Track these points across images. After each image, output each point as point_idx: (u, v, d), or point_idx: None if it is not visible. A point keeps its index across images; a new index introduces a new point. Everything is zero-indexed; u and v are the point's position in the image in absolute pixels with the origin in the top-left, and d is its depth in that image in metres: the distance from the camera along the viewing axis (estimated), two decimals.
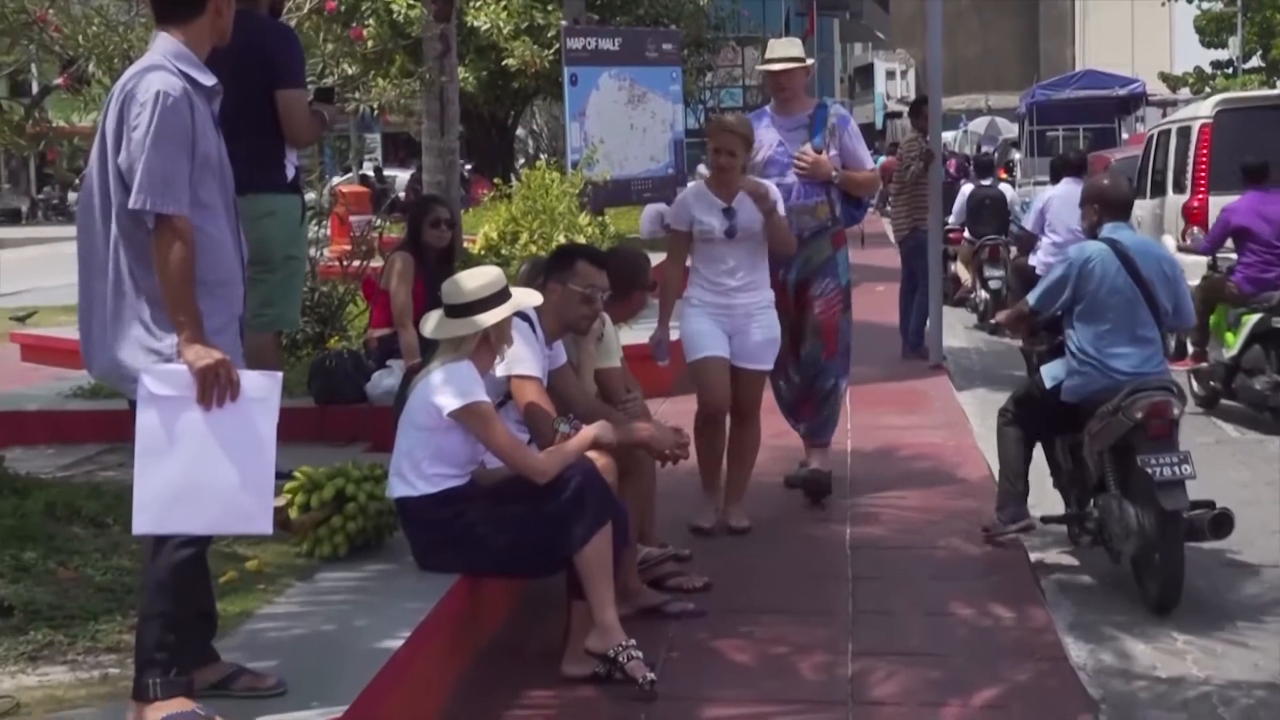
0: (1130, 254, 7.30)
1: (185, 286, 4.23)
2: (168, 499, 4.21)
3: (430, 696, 5.50)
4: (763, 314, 7.78)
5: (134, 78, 4.35)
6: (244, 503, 4.29)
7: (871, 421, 11.10)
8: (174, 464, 4.22)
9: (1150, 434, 6.91)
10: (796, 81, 8.47)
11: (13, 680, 4.65)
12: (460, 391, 5.71)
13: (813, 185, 8.12)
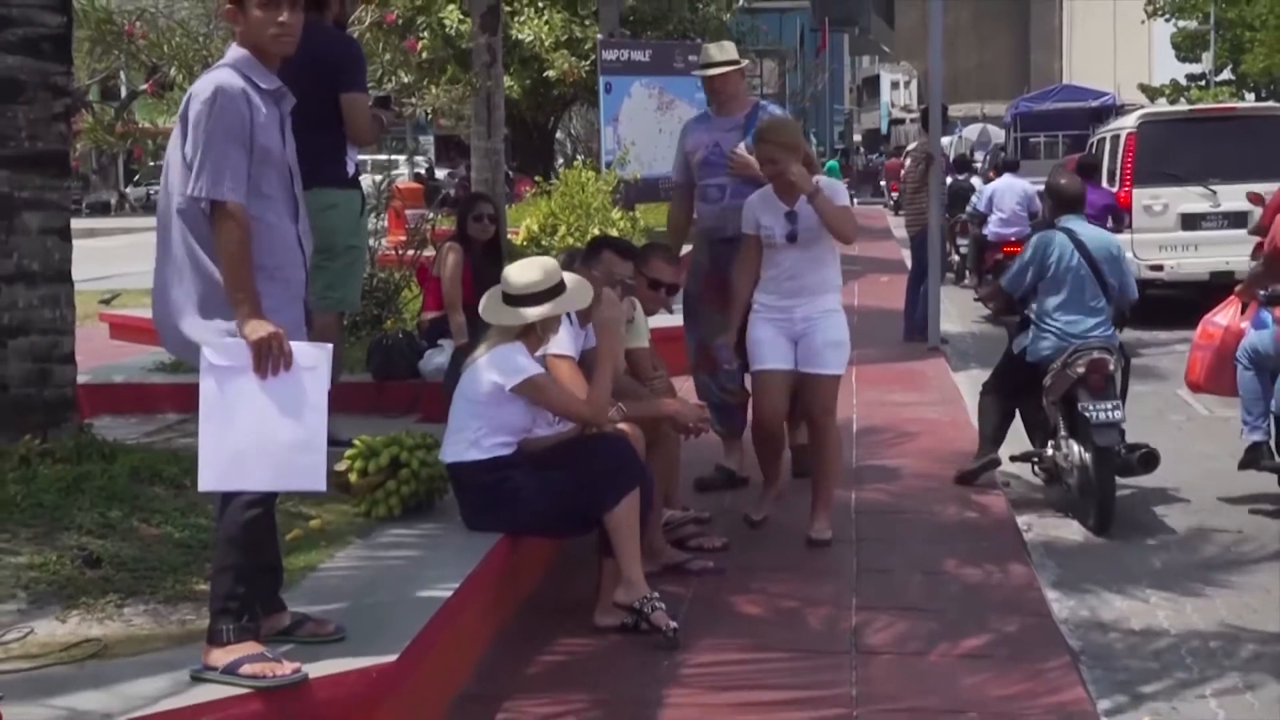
0: (1083, 240, 8.10)
1: (241, 267, 4.24)
2: (228, 459, 4.22)
3: (475, 642, 5.53)
4: (825, 318, 7.04)
5: (201, 81, 4.39)
6: (298, 462, 4.29)
7: (875, 399, 11.10)
8: (233, 427, 4.22)
9: (1089, 385, 7.69)
10: (732, 84, 7.92)
11: (101, 625, 4.66)
12: (517, 369, 5.74)
13: (745, 185, 7.47)
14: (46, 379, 6.67)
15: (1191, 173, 15.76)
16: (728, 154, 7.56)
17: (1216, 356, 8.76)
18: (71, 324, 6.87)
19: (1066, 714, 4.97)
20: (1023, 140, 35.04)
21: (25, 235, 6.61)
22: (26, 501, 5.91)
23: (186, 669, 4.24)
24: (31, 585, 5.02)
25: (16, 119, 6.58)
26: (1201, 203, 15.91)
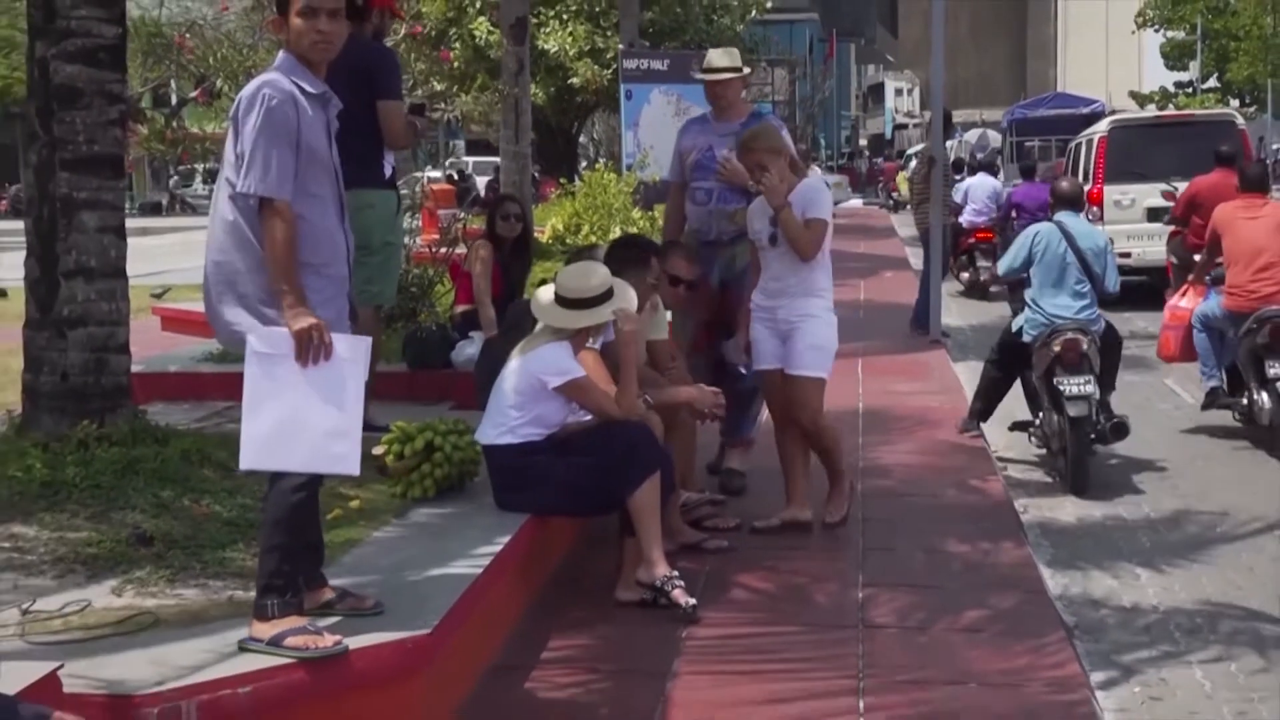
0: (1072, 233, 8.65)
1: (287, 260, 4.24)
2: (268, 440, 4.23)
3: (505, 616, 5.53)
4: (805, 321, 6.76)
5: (251, 86, 4.40)
6: (333, 448, 4.28)
7: (880, 388, 11.10)
8: (273, 411, 4.23)
9: (1064, 362, 8.29)
10: (732, 90, 7.62)
11: (154, 599, 4.68)
12: (563, 370, 5.77)
13: (733, 191, 7.26)
14: (103, 368, 6.69)
15: (1155, 171, 16.60)
16: (719, 160, 7.26)
17: (1185, 333, 9.92)
18: (126, 316, 6.88)
19: (1061, 685, 4.96)
20: (1018, 144, 35.09)
21: (83, 233, 6.63)
22: (84, 483, 5.94)
23: (234, 641, 4.25)
24: (89, 561, 5.05)
25: (75, 124, 6.60)
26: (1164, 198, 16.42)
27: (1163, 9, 66.51)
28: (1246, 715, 4.93)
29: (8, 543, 5.27)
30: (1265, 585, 6.41)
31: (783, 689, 4.94)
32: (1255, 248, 9.35)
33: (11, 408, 7.09)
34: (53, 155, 6.62)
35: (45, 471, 6.06)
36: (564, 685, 5.05)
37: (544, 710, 4.81)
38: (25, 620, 4.39)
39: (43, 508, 5.71)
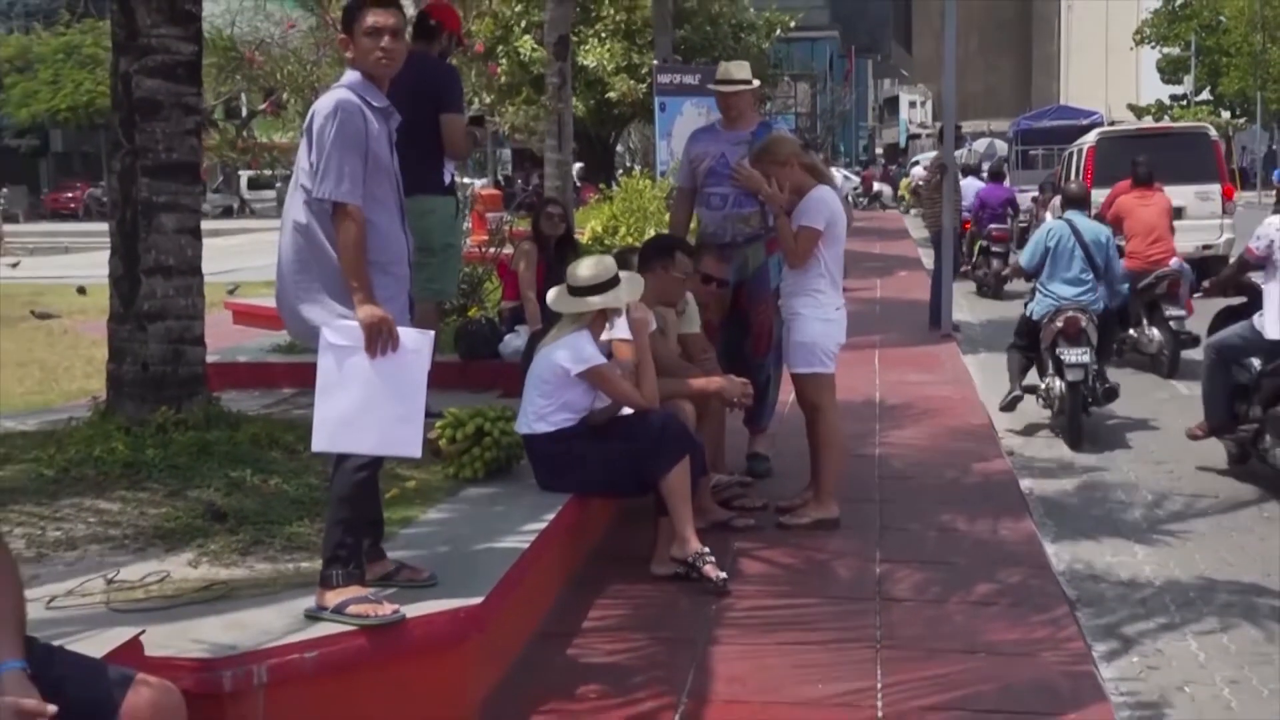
0: (1079, 229, 9.46)
1: (358, 260, 4.25)
2: (338, 425, 4.23)
3: (547, 589, 5.53)
4: (795, 319, 6.64)
5: (323, 99, 4.42)
6: (398, 431, 4.29)
7: (895, 379, 11.07)
8: (344, 398, 4.23)
9: (1065, 335, 9.14)
10: (744, 102, 7.52)
11: (227, 570, 4.69)
12: (583, 357, 5.73)
13: (747, 196, 7.13)
14: (180, 358, 6.73)
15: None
16: (733, 166, 7.10)
17: None
18: (201, 311, 6.91)
19: (1065, 655, 4.93)
20: (1023, 153, 35.05)
21: (162, 234, 6.66)
22: (163, 463, 5.98)
23: (301, 609, 4.26)
24: (167, 535, 5.07)
25: (155, 134, 6.63)
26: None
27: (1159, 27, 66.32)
28: (1238, 683, 4.89)
29: (94, 517, 5.30)
30: (1254, 562, 6.37)
31: (806, 657, 4.93)
32: (1148, 226, 12.09)
33: (97, 395, 7.15)
34: (135, 162, 6.65)
35: (127, 453, 6.10)
36: (604, 651, 5.06)
37: (586, 674, 4.81)
38: (110, 589, 4.42)
39: (125, 486, 5.75)
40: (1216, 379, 8.13)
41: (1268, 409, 7.60)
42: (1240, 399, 7.99)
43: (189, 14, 6.76)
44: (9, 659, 2.75)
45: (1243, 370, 7.98)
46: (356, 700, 4.16)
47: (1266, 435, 7.63)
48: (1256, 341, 7.83)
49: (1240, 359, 8.01)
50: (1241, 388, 7.97)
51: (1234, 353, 8.04)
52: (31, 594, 3.07)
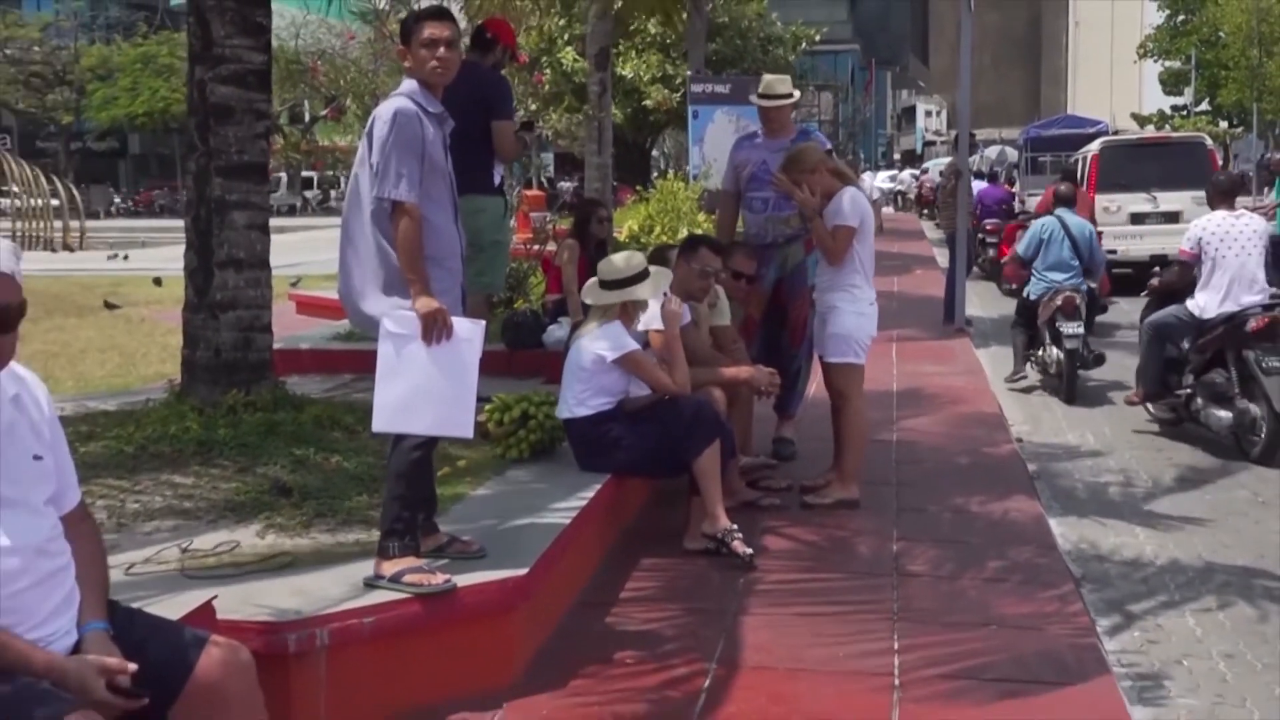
0: (1067, 223, 10.56)
1: (415, 254, 4.27)
2: (396, 408, 4.25)
3: (587, 561, 5.53)
4: (832, 312, 6.61)
5: (383, 105, 4.43)
6: (452, 414, 4.31)
7: (912, 369, 11.03)
8: (402, 383, 4.25)
9: (1063, 311, 10.15)
10: (784, 114, 7.44)
11: (291, 541, 4.72)
12: (617, 345, 5.74)
13: (787, 199, 7.05)
14: (250, 345, 6.76)
15: (1138, 183, 17.49)
16: (774, 173, 7.03)
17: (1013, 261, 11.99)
18: (269, 301, 6.94)
19: (1071, 629, 4.91)
20: (1033, 159, 34.81)
21: (234, 230, 6.69)
22: (233, 442, 6.01)
23: (360, 577, 4.28)
24: (237, 507, 5.11)
25: (228, 137, 6.66)
26: (1145, 205, 17.70)
27: (1161, 42, 65.79)
28: (1233, 658, 4.86)
29: (169, 491, 5.34)
30: (1249, 544, 6.31)
31: (828, 627, 4.93)
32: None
33: (172, 378, 7.18)
34: (209, 164, 6.68)
35: (200, 432, 6.15)
36: (640, 620, 5.06)
37: (622, 641, 4.81)
38: (184, 557, 4.45)
39: (198, 462, 5.79)
40: (1152, 354, 8.80)
41: (1199, 378, 8.43)
42: (1171, 371, 8.71)
43: (259, 26, 6.79)
44: (93, 621, 2.77)
45: (1174, 347, 8.67)
46: (411, 662, 4.18)
47: (1198, 399, 8.42)
48: (1188, 322, 8.49)
49: (1173, 337, 8.65)
50: (1172, 361, 8.70)
51: (1168, 331, 8.67)
52: (112, 561, 3.09)
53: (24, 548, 2.66)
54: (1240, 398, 8.07)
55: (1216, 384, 8.26)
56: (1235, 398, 8.11)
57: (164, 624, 2.96)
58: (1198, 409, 8.41)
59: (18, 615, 2.62)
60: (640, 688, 4.37)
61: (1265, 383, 7.80)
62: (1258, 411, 7.93)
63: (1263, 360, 7.88)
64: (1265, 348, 7.94)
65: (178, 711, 2.80)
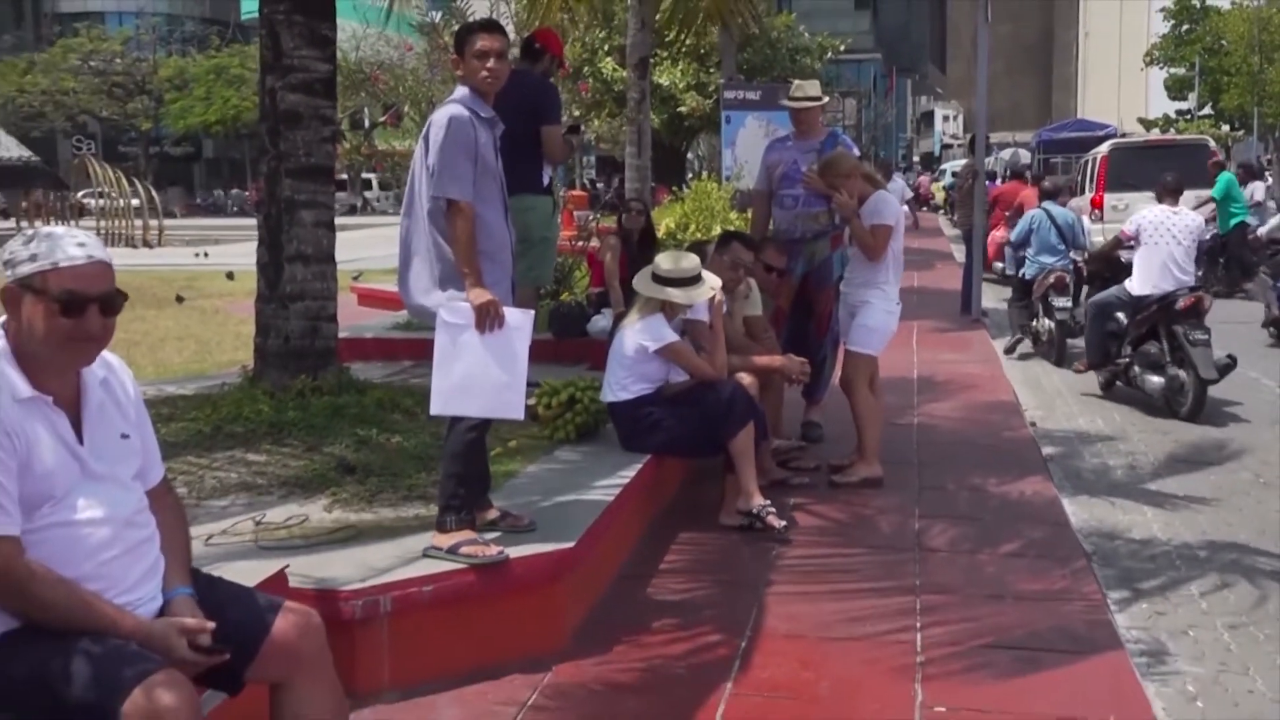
0: (1053, 214, 11.44)
1: (469, 249, 4.27)
2: (452, 392, 4.26)
3: (629, 535, 5.53)
4: (863, 307, 6.64)
5: (439, 111, 4.43)
6: (503, 397, 4.30)
7: (931, 358, 10.96)
8: (457, 369, 4.25)
9: (1055, 287, 10.99)
10: (813, 116, 7.42)
11: (355, 515, 4.74)
12: (659, 336, 5.74)
13: (816, 197, 7.04)
14: (316, 333, 6.79)
15: (1144, 183, 16.60)
16: (804, 172, 7.11)
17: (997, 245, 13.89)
18: (335, 293, 6.97)
19: (1083, 603, 4.87)
20: (1045, 160, 34.61)
21: (302, 227, 6.72)
22: (302, 423, 6.05)
23: (419, 549, 4.30)
24: (305, 484, 5.13)
25: (296, 141, 6.69)
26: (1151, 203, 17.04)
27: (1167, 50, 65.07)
28: (1236, 629, 4.80)
29: (243, 468, 5.38)
30: (1251, 523, 6.23)
31: (854, 600, 4.91)
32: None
33: (245, 364, 7.23)
34: (279, 166, 6.72)
35: (271, 414, 6.18)
36: (678, 591, 5.05)
37: (661, 610, 4.80)
38: (258, 530, 4.48)
39: (270, 442, 5.83)
40: (1095, 328, 9.50)
41: (1136, 348, 9.14)
42: (1111, 342, 9.38)
43: (325, 38, 6.82)
44: (178, 587, 2.79)
45: (1114, 321, 9.32)
46: (466, 628, 4.19)
47: (1135, 367, 9.13)
48: (1126, 300, 9.20)
49: (1113, 313, 9.32)
50: (1112, 334, 9.37)
51: (1108, 308, 9.35)
52: (192, 532, 3.11)
53: (114, 519, 2.68)
54: (1171, 365, 8.80)
55: (1151, 354, 8.97)
56: (1167, 365, 8.83)
57: (241, 590, 2.97)
58: (1135, 375, 9.11)
59: (108, 581, 2.64)
60: (678, 653, 4.37)
61: (1192, 353, 8.56)
62: (1185, 377, 8.67)
63: (1189, 334, 8.62)
64: (1191, 323, 8.67)
65: (254, 671, 2.82)
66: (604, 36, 25.62)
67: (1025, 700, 3.97)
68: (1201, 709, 4.08)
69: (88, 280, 2.63)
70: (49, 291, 2.59)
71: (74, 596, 2.56)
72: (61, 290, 2.60)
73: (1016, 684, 4.10)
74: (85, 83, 53.11)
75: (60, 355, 2.66)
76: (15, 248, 2.64)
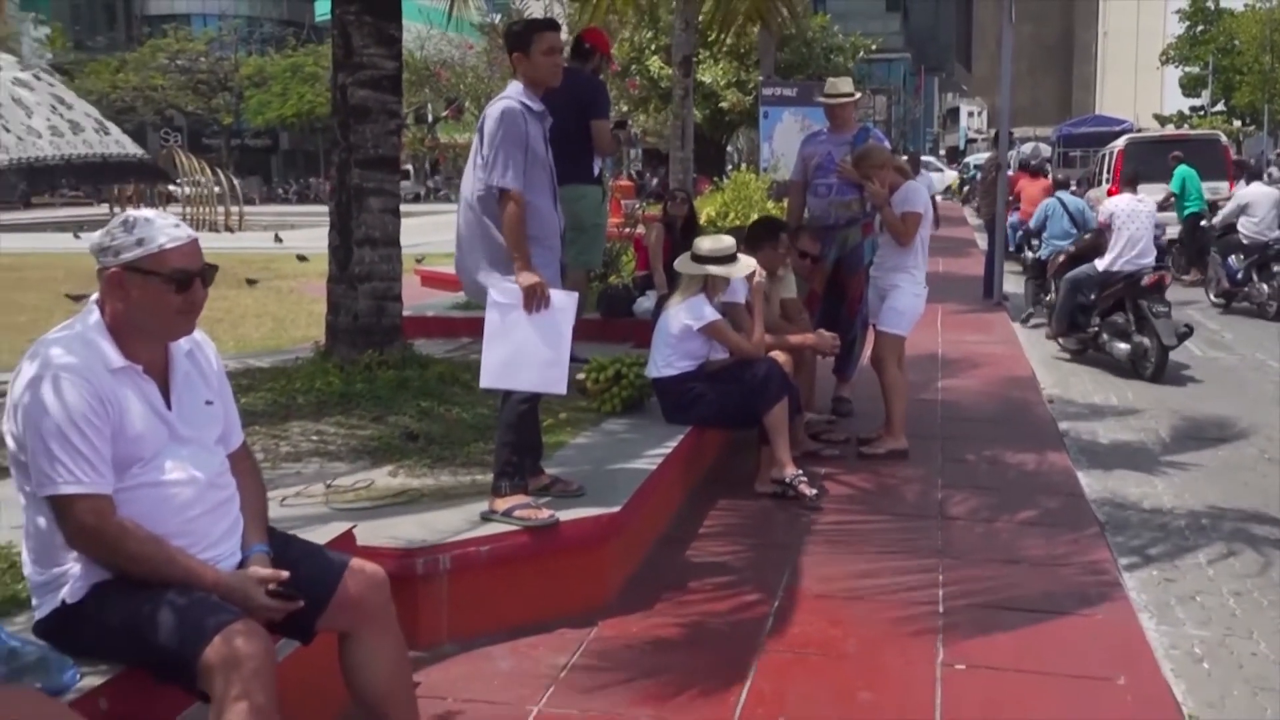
0: (1065, 202, 11.94)
1: (519, 234, 4.25)
2: (501, 367, 4.26)
3: (671, 500, 5.53)
4: (893, 290, 6.61)
5: (493, 105, 4.42)
6: (549, 373, 4.29)
7: (954, 338, 10.87)
8: (506, 345, 4.25)
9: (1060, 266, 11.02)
10: (847, 111, 7.31)
11: (418, 480, 4.76)
12: (701, 315, 5.73)
13: (848, 186, 7.09)
14: (383, 312, 6.83)
15: (1159, 175, 16.39)
16: (838, 163, 7.09)
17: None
18: (400, 275, 7.00)
19: (1096, 569, 4.82)
20: (1064, 154, 34.17)
21: (370, 213, 6.75)
22: (369, 395, 6.09)
23: (477, 512, 4.32)
24: (372, 451, 5.16)
25: (365, 134, 6.71)
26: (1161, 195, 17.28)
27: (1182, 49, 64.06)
28: (1241, 595, 4.74)
29: (316, 436, 5.42)
30: (1256, 495, 6.14)
31: (880, 562, 4.89)
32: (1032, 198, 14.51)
33: (318, 340, 7.28)
34: (349, 157, 6.74)
35: (341, 386, 6.23)
36: (715, 553, 5.05)
37: (700, 570, 4.81)
38: (329, 493, 4.51)
39: (339, 412, 5.87)
40: (1066, 300, 10.14)
41: (1104, 318, 9.74)
42: (1080, 314, 10.02)
43: (392, 37, 6.83)
44: (255, 544, 2.81)
45: (1084, 296, 9.95)
46: (519, 585, 4.21)
47: (1104, 335, 9.71)
48: (1094, 277, 9.79)
49: (1083, 289, 9.94)
50: (1081, 307, 10.01)
51: (1080, 284, 9.96)
52: (268, 494, 3.13)
53: (198, 480, 2.71)
54: (1136, 334, 9.37)
55: (1118, 324, 9.58)
56: (1132, 334, 9.41)
57: (313, 548, 3.00)
58: (1103, 342, 9.71)
59: (192, 538, 2.67)
60: (716, 611, 4.37)
61: (1155, 323, 9.13)
62: (1149, 344, 9.23)
63: (1153, 307, 9.19)
64: (1155, 298, 9.25)
65: (324, 622, 2.84)
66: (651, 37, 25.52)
67: (1040, 659, 3.95)
68: (1207, 670, 4.04)
69: (190, 257, 2.67)
70: (161, 271, 2.62)
71: (161, 551, 2.59)
72: (173, 269, 2.62)
73: (1032, 643, 4.07)
74: (172, 80, 53.58)
75: (173, 326, 2.70)
76: (118, 235, 2.64)
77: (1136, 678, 3.83)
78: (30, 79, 1.88)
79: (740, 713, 3.55)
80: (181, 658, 2.47)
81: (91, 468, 2.53)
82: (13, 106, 1.94)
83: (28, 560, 2.69)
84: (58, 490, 2.52)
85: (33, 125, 1.93)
